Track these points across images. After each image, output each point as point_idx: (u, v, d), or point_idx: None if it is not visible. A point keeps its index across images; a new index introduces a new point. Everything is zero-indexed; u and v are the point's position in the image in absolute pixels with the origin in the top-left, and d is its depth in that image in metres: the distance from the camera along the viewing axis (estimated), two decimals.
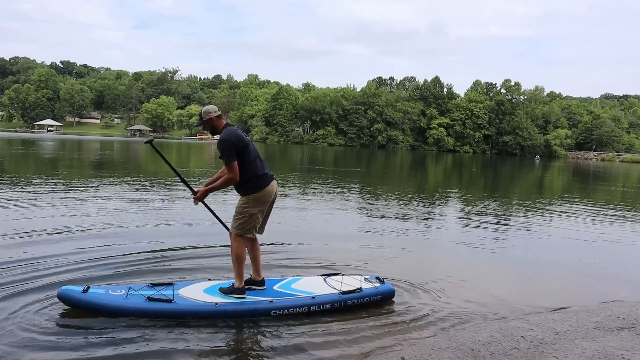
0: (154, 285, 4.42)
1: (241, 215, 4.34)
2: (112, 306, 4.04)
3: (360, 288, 4.60)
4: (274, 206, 4.65)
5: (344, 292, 4.53)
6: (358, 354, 3.66)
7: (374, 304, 4.61)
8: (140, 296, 4.14)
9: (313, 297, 4.42)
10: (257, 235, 4.60)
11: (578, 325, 4.33)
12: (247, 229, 4.36)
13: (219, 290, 4.45)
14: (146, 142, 4.56)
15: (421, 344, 3.83)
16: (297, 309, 4.33)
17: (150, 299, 4.11)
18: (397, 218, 9.92)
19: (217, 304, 4.20)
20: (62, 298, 4.10)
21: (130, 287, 4.31)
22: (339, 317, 4.34)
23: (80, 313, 4.07)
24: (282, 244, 6.91)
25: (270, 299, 4.36)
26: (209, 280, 4.81)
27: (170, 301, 4.12)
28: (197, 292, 4.37)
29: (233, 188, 4.45)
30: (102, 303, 4.05)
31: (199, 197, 4.38)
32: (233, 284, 4.45)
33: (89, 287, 4.19)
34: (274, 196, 4.50)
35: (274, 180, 4.48)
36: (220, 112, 4.45)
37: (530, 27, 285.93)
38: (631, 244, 8.45)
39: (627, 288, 5.72)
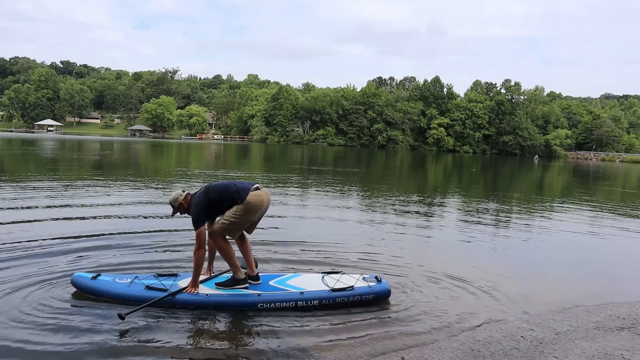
0: (159, 275, 4.65)
1: (226, 220, 4.38)
2: (114, 293, 4.37)
3: (352, 287, 4.60)
4: (275, 207, 4.66)
5: (333, 290, 4.54)
6: (357, 353, 3.65)
7: (366, 303, 4.60)
8: (141, 285, 4.42)
9: (301, 293, 4.46)
10: (248, 235, 4.71)
11: (578, 325, 4.32)
12: (227, 232, 4.44)
13: (215, 284, 4.53)
14: (121, 317, 3.91)
15: (421, 344, 3.83)
16: (285, 304, 4.37)
17: (148, 288, 4.35)
18: (397, 218, 9.90)
19: (207, 295, 4.35)
20: (74, 283, 4.52)
21: (136, 277, 4.58)
22: (338, 316, 4.33)
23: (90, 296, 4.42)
24: (285, 242, 6.93)
25: (259, 292, 4.43)
26: (212, 273, 4.86)
27: (165, 291, 4.31)
28: None
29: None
30: (105, 290, 4.40)
31: (194, 287, 4.36)
32: (230, 278, 4.53)
33: (99, 274, 4.56)
34: (264, 208, 4.54)
35: (259, 190, 4.48)
36: (185, 192, 4.57)
37: (530, 27, 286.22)
38: (631, 244, 8.44)
39: (627, 288, 5.71)
